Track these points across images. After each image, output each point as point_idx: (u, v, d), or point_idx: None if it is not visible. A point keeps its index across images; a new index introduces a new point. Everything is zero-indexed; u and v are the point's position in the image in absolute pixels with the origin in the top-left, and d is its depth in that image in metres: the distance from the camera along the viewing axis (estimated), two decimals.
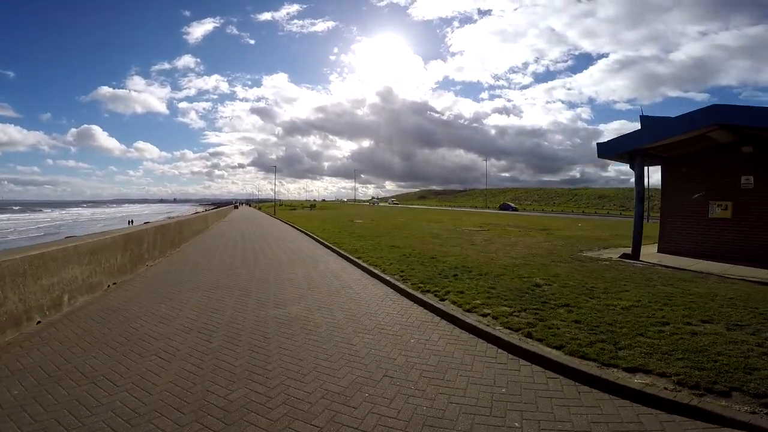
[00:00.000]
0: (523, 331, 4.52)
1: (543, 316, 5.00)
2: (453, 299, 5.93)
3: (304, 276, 8.37)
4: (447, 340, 4.59)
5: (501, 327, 4.71)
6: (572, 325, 4.64)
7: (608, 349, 3.88)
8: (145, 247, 9.47)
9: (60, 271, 5.77)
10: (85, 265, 6.53)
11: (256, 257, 11.07)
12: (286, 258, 10.95)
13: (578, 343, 4.05)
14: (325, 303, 6.18)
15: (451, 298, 5.98)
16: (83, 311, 5.77)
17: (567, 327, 4.56)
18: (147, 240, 9.67)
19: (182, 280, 7.88)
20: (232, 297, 6.53)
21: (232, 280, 7.88)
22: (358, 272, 8.92)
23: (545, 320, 4.82)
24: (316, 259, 10.81)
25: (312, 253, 11.92)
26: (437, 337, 4.73)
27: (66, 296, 5.97)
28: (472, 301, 5.77)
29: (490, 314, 5.16)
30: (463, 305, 5.60)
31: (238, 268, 9.26)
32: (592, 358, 3.73)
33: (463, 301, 5.77)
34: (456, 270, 8.25)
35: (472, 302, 5.69)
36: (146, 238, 9.61)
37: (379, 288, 7.32)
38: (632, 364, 3.56)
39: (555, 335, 4.30)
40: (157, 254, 10.52)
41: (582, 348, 3.94)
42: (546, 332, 4.40)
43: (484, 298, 5.94)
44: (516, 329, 4.59)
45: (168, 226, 12.12)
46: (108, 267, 7.37)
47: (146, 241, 9.60)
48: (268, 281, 7.81)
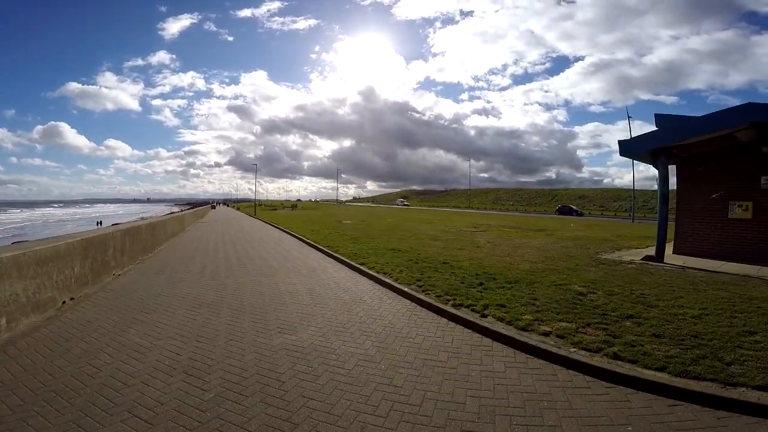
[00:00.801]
0: (605, 351, 3.87)
1: (613, 331, 4.39)
2: (496, 314, 5.09)
3: (304, 287, 7.16)
4: (517, 370, 3.69)
5: (575, 348, 4.00)
6: (654, 339, 4.13)
7: (718, 366, 3.43)
8: (110, 253, 8.01)
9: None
10: (30, 278, 5.12)
11: (243, 263, 9.73)
12: (278, 264, 9.67)
13: (679, 362, 3.54)
14: (340, 325, 5.02)
15: (494, 313, 5.13)
16: (26, 339, 4.41)
17: (650, 343, 4.03)
18: (113, 245, 8.20)
19: (157, 294, 6.52)
20: (221, 318, 5.27)
21: (219, 294, 6.59)
22: (367, 282, 7.77)
23: (620, 336, 4.23)
24: (313, 265, 9.58)
25: (306, 259, 10.67)
26: (501, 365, 3.80)
27: (3, 320, 4.61)
28: (521, 316, 4.97)
29: (552, 332, 4.42)
30: (514, 322, 4.77)
31: (224, 278, 7.93)
32: (708, 378, 3.26)
33: (510, 317, 4.93)
34: (478, 277, 7.41)
35: (521, 318, 4.89)
36: (112, 243, 8.13)
37: (399, 302, 6.22)
38: (760, 382, 3.13)
39: (645, 354, 3.74)
40: (126, 261, 9.04)
41: (688, 367, 3.44)
42: (632, 351, 3.82)
43: (531, 311, 5.15)
44: (594, 349, 3.93)
45: (138, 228, 10.60)
46: (62, 279, 5.95)
47: (112, 246, 8.13)
48: (262, 295, 6.55)
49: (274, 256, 11.12)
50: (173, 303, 6.00)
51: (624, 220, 38.49)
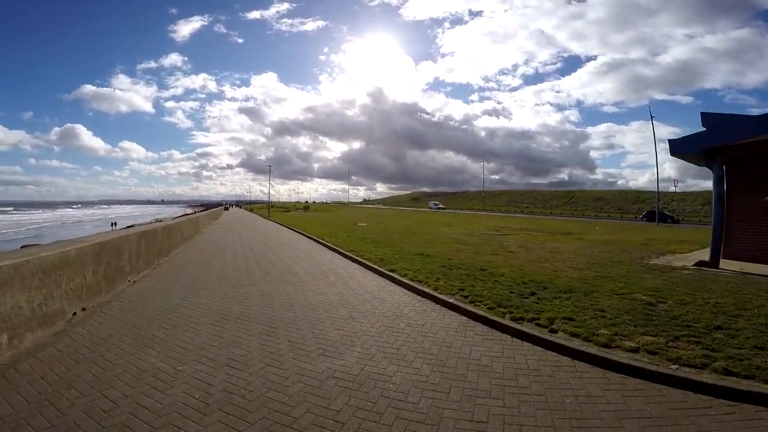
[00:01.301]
0: (711, 367, 3.46)
1: (707, 344, 4.02)
2: (566, 329, 4.56)
3: (336, 298, 6.45)
4: (619, 393, 3.25)
5: (675, 365, 3.56)
6: (760, 353, 3.77)
7: None
8: (126, 258, 7.44)
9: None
10: (35, 289, 4.52)
11: (264, 269, 9.08)
12: (302, 270, 9.00)
13: None
14: (388, 344, 4.30)
15: (564, 328, 4.60)
16: (29, 361, 3.79)
17: (757, 356, 3.68)
18: (128, 249, 7.62)
19: (176, 305, 5.88)
20: (252, 336, 4.57)
21: (244, 305, 5.91)
22: (402, 291, 7.04)
23: (718, 349, 3.86)
24: (339, 272, 8.89)
25: (330, 264, 9.98)
26: (596, 388, 3.31)
27: (4, 336, 4.02)
28: (596, 330, 4.47)
29: (640, 348, 3.96)
30: (591, 337, 4.26)
31: (246, 286, 7.27)
32: None
33: (584, 332, 4.41)
34: (527, 286, 6.78)
35: (597, 332, 4.39)
36: (127, 247, 7.56)
37: (445, 315, 5.48)
38: None
39: (759, 368, 3.38)
40: (142, 266, 8.48)
41: None
42: (742, 365, 3.45)
43: (605, 325, 4.68)
44: (698, 365, 3.52)
45: (155, 231, 10.07)
46: (73, 288, 5.36)
47: (127, 250, 7.55)
48: (292, 307, 5.85)
49: (296, 261, 10.46)
50: (195, 316, 5.34)
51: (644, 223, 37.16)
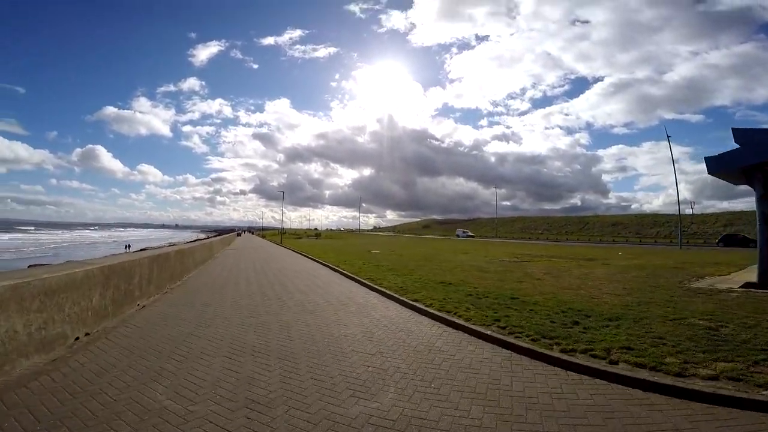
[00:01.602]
0: None
1: None
2: (628, 359, 4.19)
3: (359, 330, 5.87)
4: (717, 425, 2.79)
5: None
6: None
7: None
8: (136, 281, 7.04)
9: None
10: (35, 312, 4.11)
11: (281, 297, 8.56)
12: (320, 299, 8.45)
13: None
14: (426, 383, 3.71)
15: (624, 358, 4.22)
16: (19, 391, 3.32)
17: None
18: (139, 273, 7.24)
19: (188, 334, 5.37)
20: (272, 371, 4.03)
21: (262, 337, 5.38)
22: (429, 322, 6.43)
23: None
24: (359, 301, 8.31)
25: (349, 293, 9.42)
26: (685, 423, 2.86)
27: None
28: (662, 359, 4.13)
29: (719, 375, 3.66)
30: (659, 366, 3.92)
31: (263, 315, 6.74)
32: None
33: (649, 361, 4.06)
34: (567, 315, 6.32)
35: (664, 361, 4.05)
36: (138, 270, 7.17)
37: (484, 348, 4.92)
38: None
39: None
40: (153, 290, 8.06)
41: None
42: None
43: (670, 352, 4.35)
44: None
45: (167, 255, 9.72)
46: (77, 312, 4.93)
47: (138, 274, 7.16)
48: (313, 339, 5.30)
49: (313, 289, 9.93)
50: (208, 347, 4.82)
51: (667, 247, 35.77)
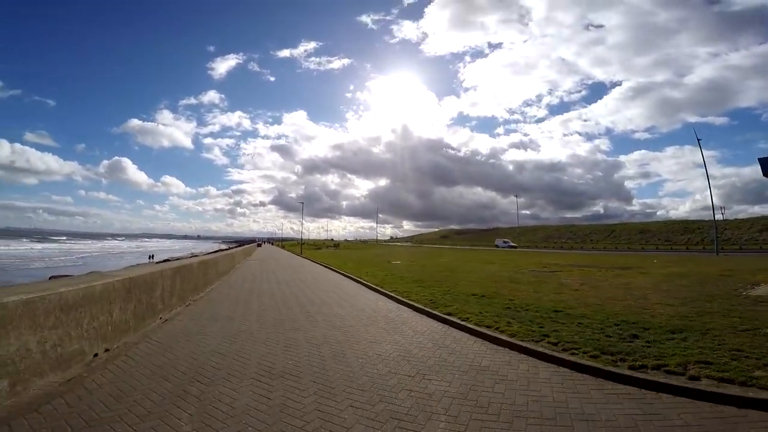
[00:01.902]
0: None
1: None
2: (711, 374, 3.78)
3: (393, 347, 5.35)
4: None
5: None
6: None
7: None
8: (158, 294, 6.75)
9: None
10: (50, 328, 3.79)
11: (306, 311, 8.12)
12: (347, 313, 7.98)
13: None
14: (483, 409, 3.21)
15: (705, 373, 3.81)
16: (29, 417, 2.96)
17: None
18: (162, 285, 6.95)
19: (212, 352, 4.98)
20: (306, 397, 3.57)
21: (291, 355, 4.93)
22: (470, 339, 5.87)
23: None
24: (388, 315, 7.79)
25: (375, 306, 8.91)
26: None
27: (4, 382, 3.24)
28: (751, 373, 3.71)
29: None
30: (751, 382, 3.53)
31: (289, 330, 6.31)
32: None
33: (737, 376, 3.65)
34: (620, 328, 5.74)
35: (753, 375, 3.65)
36: (161, 283, 6.89)
37: (537, 367, 4.42)
38: None
39: None
40: (175, 302, 7.78)
41: None
42: None
43: (756, 365, 3.94)
44: None
45: (190, 266, 9.48)
46: (96, 327, 4.62)
47: (161, 286, 6.88)
48: (346, 359, 4.81)
49: (338, 302, 9.47)
50: (235, 367, 4.40)
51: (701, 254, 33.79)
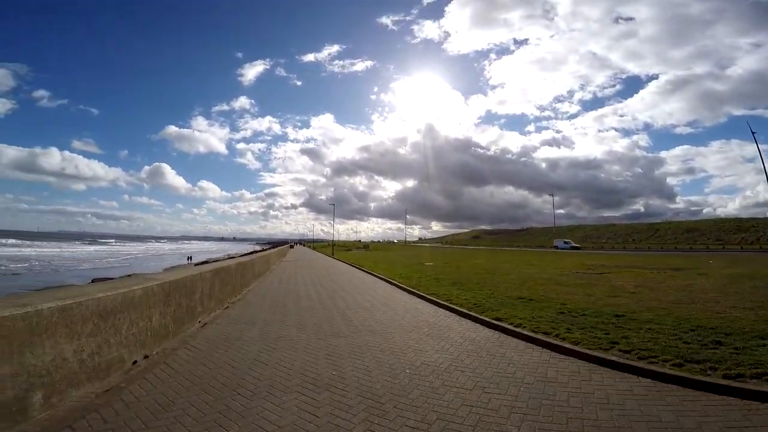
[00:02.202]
0: None
1: None
2: None
3: (443, 357, 4.90)
4: None
5: None
6: None
7: None
8: (197, 297, 6.64)
9: (23, 353, 2.89)
10: (87, 336, 3.62)
11: (345, 315, 7.78)
12: (386, 318, 7.56)
13: None
14: (562, 426, 2.69)
15: None
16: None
17: None
18: (201, 288, 6.84)
19: (253, 361, 4.71)
20: (355, 414, 3.21)
21: (334, 366, 4.58)
22: (526, 346, 5.35)
23: None
24: (430, 321, 7.32)
25: (415, 310, 8.46)
26: None
27: (38, 394, 3.06)
28: None
29: None
30: None
31: (330, 336, 5.99)
32: None
33: None
34: (698, 333, 5.36)
35: None
36: (200, 285, 6.77)
37: (610, 377, 4.02)
38: None
39: None
40: (214, 305, 7.69)
41: None
42: None
43: None
44: None
45: (228, 268, 9.42)
46: (135, 333, 4.47)
47: (200, 289, 6.77)
48: (393, 370, 4.38)
49: (376, 306, 9.10)
50: (277, 378, 4.10)
51: (759, 254, 30.84)
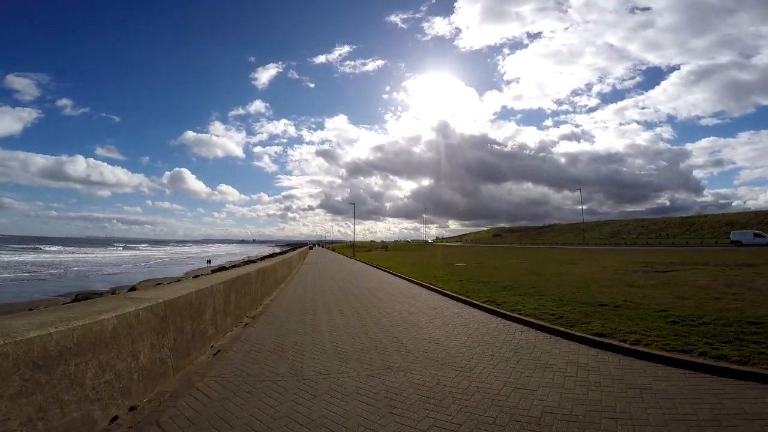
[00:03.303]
0: None
1: None
2: None
3: (563, 395, 3.27)
4: None
5: None
6: None
7: None
8: (208, 317, 5.15)
9: None
10: (10, 400, 2.16)
11: (393, 337, 6.08)
12: (445, 337, 5.88)
13: None
14: None
15: None
16: None
17: None
18: (213, 305, 5.34)
19: (288, 421, 3.14)
20: None
21: (407, 426, 3.02)
22: (665, 371, 3.69)
23: None
24: (504, 338, 5.64)
25: (476, 324, 6.79)
26: None
27: None
28: None
29: None
30: None
31: (384, 371, 4.34)
32: None
33: None
34: None
35: None
36: (211, 302, 5.24)
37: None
38: None
39: None
40: (230, 323, 6.22)
41: None
42: None
43: None
44: None
45: (247, 277, 7.94)
46: (111, 380, 2.99)
47: (211, 306, 5.27)
48: (497, 425, 2.84)
49: (425, 319, 7.44)
50: None
51: None
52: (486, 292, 10.11)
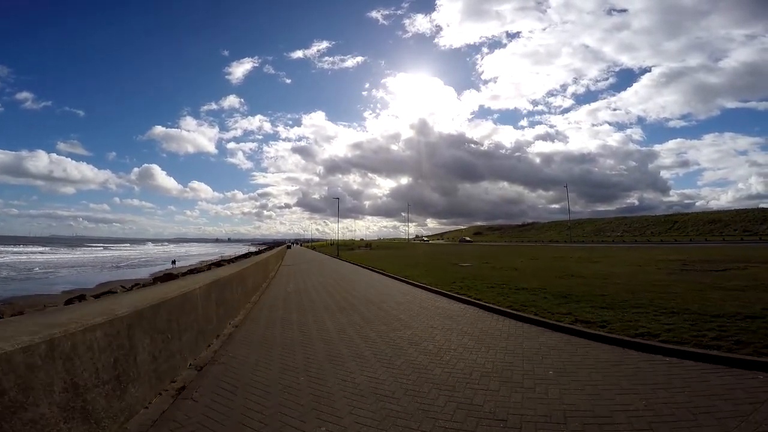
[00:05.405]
0: None
1: None
2: None
3: None
4: None
5: None
6: None
7: None
8: (174, 340, 4.00)
9: None
10: None
11: (408, 356, 5.14)
12: (493, 368, 4.78)
13: None
14: None
15: None
16: None
17: None
18: (197, 312, 4.19)
19: None
20: None
21: None
22: None
23: None
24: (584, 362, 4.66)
25: (531, 346, 5.69)
26: None
27: None
28: None
29: None
30: None
31: (419, 420, 3.32)
32: None
33: None
34: None
35: None
36: (179, 317, 4.10)
37: None
38: None
39: None
40: (203, 344, 5.07)
41: None
42: None
43: None
44: None
45: (225, 281, 6.76)
46: None
47: (184, 320, 4.11)
48: None
49: (454, 340, 6.42)
50: None
51: None
52: (547, 305, 7.94)
